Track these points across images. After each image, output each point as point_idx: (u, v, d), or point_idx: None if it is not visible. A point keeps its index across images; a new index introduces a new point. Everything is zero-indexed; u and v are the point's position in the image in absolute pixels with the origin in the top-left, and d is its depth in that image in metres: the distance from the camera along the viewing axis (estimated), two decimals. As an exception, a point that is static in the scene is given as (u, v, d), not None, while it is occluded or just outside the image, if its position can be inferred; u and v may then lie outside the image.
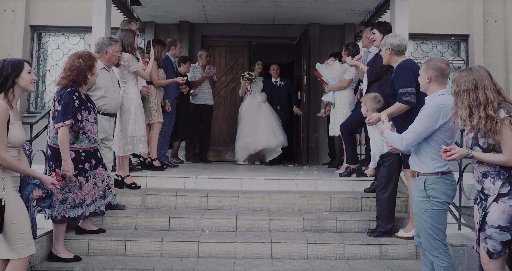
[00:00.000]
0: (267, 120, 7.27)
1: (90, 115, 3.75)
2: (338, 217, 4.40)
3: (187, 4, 6.98)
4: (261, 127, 7.17)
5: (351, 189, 5.04)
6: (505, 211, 2.61)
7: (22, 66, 2.83)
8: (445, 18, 7.93)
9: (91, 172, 3.80)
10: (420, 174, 3.01)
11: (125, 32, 4.90)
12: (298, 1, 6.82)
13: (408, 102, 3.80)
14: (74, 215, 3.70)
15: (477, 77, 2.68)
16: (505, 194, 2.63)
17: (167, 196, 4.68)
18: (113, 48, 4.38)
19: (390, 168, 4.08)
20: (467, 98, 2.67)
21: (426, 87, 3.07)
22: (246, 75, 7.37)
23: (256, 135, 7.08)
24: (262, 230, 4.31)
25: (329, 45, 7.86)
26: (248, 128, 7.22)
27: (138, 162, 5.89)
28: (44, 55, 8.08)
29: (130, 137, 4.71)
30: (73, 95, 3.62)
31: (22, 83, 2.82)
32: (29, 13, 7.83)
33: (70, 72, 3.65)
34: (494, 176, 2.67)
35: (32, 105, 7.92)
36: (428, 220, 2.94)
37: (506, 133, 2.60)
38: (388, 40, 4.06)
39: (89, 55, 3.79)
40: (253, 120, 7.24)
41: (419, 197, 2.99)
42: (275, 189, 5.00)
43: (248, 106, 7.38)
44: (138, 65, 4.82)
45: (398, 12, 5.34)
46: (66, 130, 3.59)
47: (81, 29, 7.80)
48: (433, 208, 2.93)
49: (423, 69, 3.08)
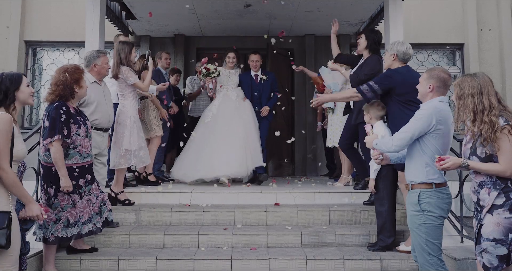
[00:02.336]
0: (244, 130, 5.56)
1: (80, 129, 3.64)
2: (337, 231, 4.30)
3: (181, 17, 6.98)
4: (229, 142, 5.43)
5: (350, 201, 4.95)
6: (499, 223, 2.52)
7: (20, 79, 2.78)
8: (439, 27, 7.95)
9: (86, 188, 3.67)
10: (414, 187, 2.93)
11: (121, 44, 4.82)
12: (292, 12, 6.81)
13: (363, 93, 3.86)
14: (68, 235, 3.55)
15: (482, 82, 2.63)
16: (500, 206, 2.54)
17: (161, 212, 4.57)
18: (102, 60, 4.29)
19: (384, 180, 3.98)
20: (471, 102, 2.61)
21: (425, 95, 3.00)
22: (202, 70, 5.79)
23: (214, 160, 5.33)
24: (259, 245, 4.21)
25: (325, 56, 7.83)
26: (204, 144, 5.51)
27: (132, 177, 5.80)
28: (39, 70, 8.05)
29: (124, 150, 4.63)
30: (60, 110, 3.52)
31: (22, 96, 2.77)
32: (23, 28, 7.83)
33: (56, 87, 3.56)
34: (490, 186, 2.59)
35: (27, 120, 7.86)
36: (423, 235, 2.86)
37: (504, 142, 2.54)
38: (395, 46, 3.99)
39: (75, 68, 3.67)
40: (218, 130, 5.55)
41: (413, 211, 2.91)
42: (272, 202, 4.91)
43: (219, 108, 5.75)
44: (136, 77, 4.75)
45: (392, 22, 5.32)
46: (58, 145, 3.48)
47: (76, 44, 7.79)
48: (428, 222, 2.85)
49: (425, 78, 3.01)
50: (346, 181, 5.56)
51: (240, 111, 5.73)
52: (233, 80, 5.93)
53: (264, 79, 6.01)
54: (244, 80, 6.03)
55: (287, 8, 6.60)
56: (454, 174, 4.27)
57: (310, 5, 6.48)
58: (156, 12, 6.75)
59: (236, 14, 6.87)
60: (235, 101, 5.80)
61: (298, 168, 7.94)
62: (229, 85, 5.90)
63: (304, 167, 7.90)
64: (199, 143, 5.55)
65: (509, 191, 2.55)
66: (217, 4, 6.42)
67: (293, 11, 6.79)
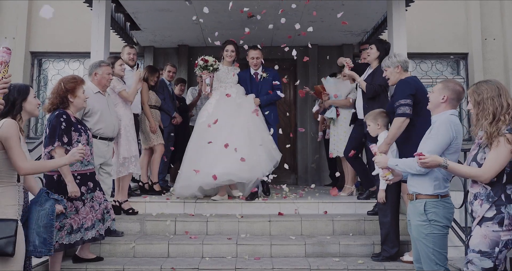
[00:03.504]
0: (248, 127, 4.92)
1: (81, 137, 3.65)
2: (341, 241, 4.29)
3: (185, 28, 7.04)
4: (231, 142, 4.77)
5: (354, 211, 4.94)
6: (487, 236, 2.50)
7: (28, 90, 2.85)
8: (443, 37, 7.97)
9: (88, 195, 3.70)
10: (420, 197, 2.90)
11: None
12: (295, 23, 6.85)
13: (403, 114, 3.72)
14: (72, 241, 3.56)
15: (499, 86, 2.61)
16: (490, 218, 2.51)
17: (166, 222, 4.58)
18: (103, 69, 4.32)
19: (387, 190, 3.96)
20: (491, 104, 2.56)
21: (437, 106, 2.94)
22: (199, 62, 5.11)
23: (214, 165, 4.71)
24: (263, 255, 4.20)
25: (328, 66, 7.87)
26: (200, 149, 4.86)
27: (137, 186, 5.82)
28: (44, 80, 8.13)
29: (122, 159, 4.65)
30: (60, 118, 3.55)
31: (29, 107, 2.84)
32: (29, 39, 7.93)
33: (52, 96, 3.64)
34: (483, 198, 2.56)
35: (32, 130, 7.92)
36: (430, 244, 2.83)
37: (495, 147, 2.49)
38: (394, 59, 4.00)
39: (71, 78, 3.71)
40: (216, 131, 4.86)
41: (419, 221, 2.88)
42: (275, 212, 4.90)
43: (217, 106, 5.05)
44: (122, 86, 4.79)
45: (396, 32, 5.34)
46: (61, 152, 3.48)
47: (81, 55, 7.87)
48: (434, 232, 2.83)
49: (439, 88, 2.96)
50: (350, 191, 5.55)
51: (242, 106, 5.05)
52: (232, 78, 5.26)
53: (264, 76, 5.36)
54: (242, 78, 5.38)
55: (290, 18, 6.65)
56: (458, 184, 4.26)
57: (314, 15, 6.52)
58: (160, 23, 6.83)
59: (240, 24, 6.91)
60: (235, 97, 5.14)
61: (301, 178, 7.94)
62: (227, 83, 5.22)
63: (307, 176, 7.90)
64: (194, 149, 4.93)
65: (501, 204, 2.52)
66: (221, 15, 6.49)
67: (297, 22, 6.83)
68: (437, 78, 7.95)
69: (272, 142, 5.01)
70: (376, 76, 4.71)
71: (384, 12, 6.17)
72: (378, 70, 4.75)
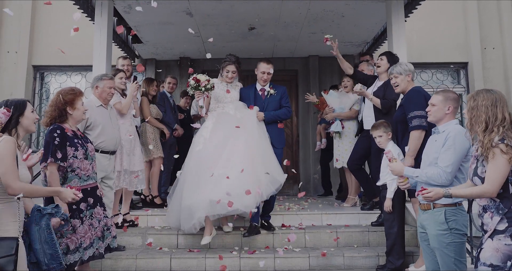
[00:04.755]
0: (249, 148, 4.33)
1: (77, 151, 3.49)
2: (345, 253, 4.25)
3: (187, 40, 7.08)
4: (230, 169, 4.20)
5: (358, 222, 4.90)
6: (498, 250, 2.41)
7: (25, 105, 2.82)
8: (443, 46, 8.00)
9: (87, 212, 3.49)
10: (437, 206, 2.85)
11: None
12: (296, 34, 6.90)
13: (420, 126, 3.68)
14: (70, 261, 3.35)
15: (497, 96, 2.57)
16: (502, 231, 2.42)
17: (168, 235, 4.55)
18: (104, 83, 4.29)
19: (393, 201, 3.94)
20: (484, 112, 2.54)
21: (443, 117, 2.97)
22: (190, 82, 4.55)
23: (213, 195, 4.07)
24: (267, 268, 4.16)
25: (329, 77, 7.89)
26: (197, 181, 4.24)
27: (139, 199, 5.79)
28: (46, 94, 8.16)
29: (117, 172, 4.62)
30: (54, 133, 3.41)
31: (26, 122, 2.81)
32: (31, 53, 7.97)
33: (50, 109, 3.51)
34: (493, 211, 2.49)
35: (34, 144, 7.91)
36: (452, 254, 2.78)
37: (492, 159, 2.45)
38: (406, 67, 3.96)
39: (69, 90, 3.58)
40: (219, 158, 4.31)
41: (440, 231, 2.82)
42: (279, 224, 4.87)
43: (213, 130, 4.48)
44: (115, 99, 4.74)
45: (396, 42, 5.37)
46: (52, 169, 3.35)
47: (83, 68, 7.91)
48: (456, 240, 2.79)
49: (441, 100, 2.97)
50: (353, 202, 5.52)
51: (243, 124, 4.45)
52: (232, 96, 4.69)
53: (271, 93, 4.78)
54: (245, 95, 4.77)
55: (291, 30, 6.70)
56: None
57: (314, 26, 6.57)
58: (161, 36, 6.87)
59: (241, 36, 6.97)
60: (233, 115, 4.58)
61: (304, 188, 7.88)
62: (226, 103, 4.67)
63: (309, 187, 7.86)
64: (190, 181, 4.32)
65: None
66: (222, 28, 6.53)
67: (297, 33, 6.88)
68: (438, 87, 7.96)
69: (276, 162, 4.51)
70: (389, 90, 4.56)
71: (384, 23, 6.20)
72: (389, 83, 4.46)
